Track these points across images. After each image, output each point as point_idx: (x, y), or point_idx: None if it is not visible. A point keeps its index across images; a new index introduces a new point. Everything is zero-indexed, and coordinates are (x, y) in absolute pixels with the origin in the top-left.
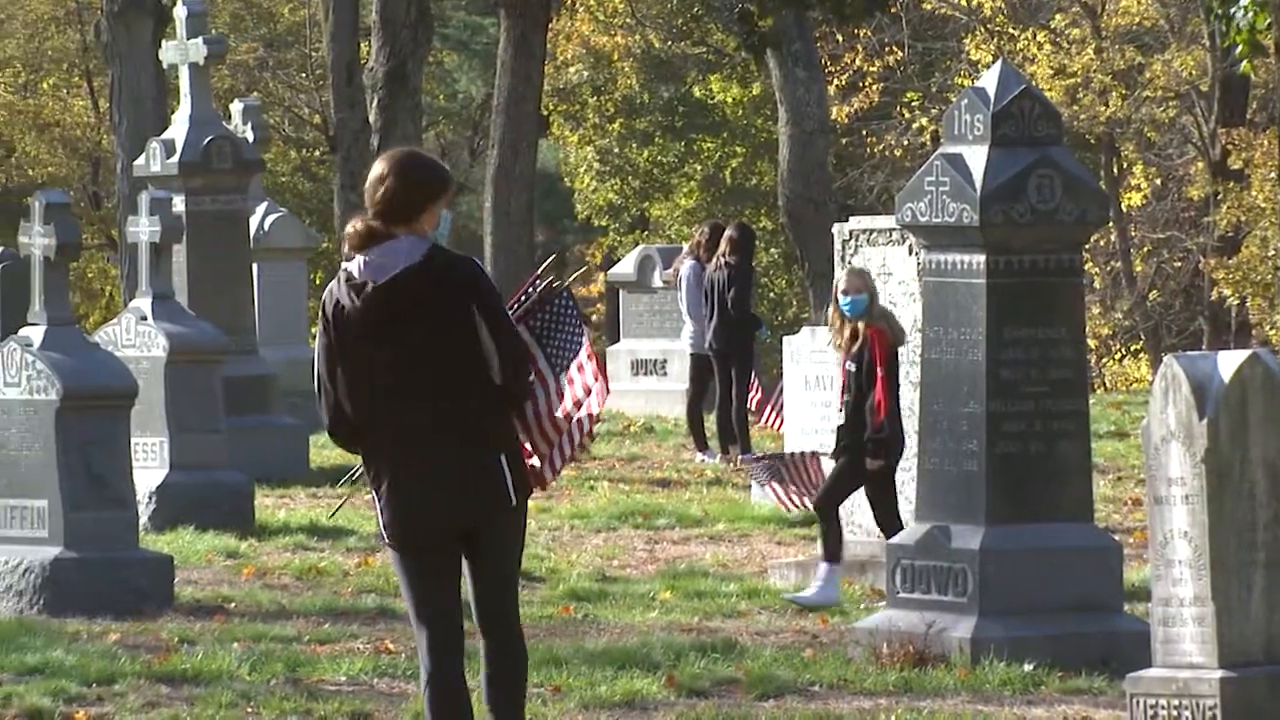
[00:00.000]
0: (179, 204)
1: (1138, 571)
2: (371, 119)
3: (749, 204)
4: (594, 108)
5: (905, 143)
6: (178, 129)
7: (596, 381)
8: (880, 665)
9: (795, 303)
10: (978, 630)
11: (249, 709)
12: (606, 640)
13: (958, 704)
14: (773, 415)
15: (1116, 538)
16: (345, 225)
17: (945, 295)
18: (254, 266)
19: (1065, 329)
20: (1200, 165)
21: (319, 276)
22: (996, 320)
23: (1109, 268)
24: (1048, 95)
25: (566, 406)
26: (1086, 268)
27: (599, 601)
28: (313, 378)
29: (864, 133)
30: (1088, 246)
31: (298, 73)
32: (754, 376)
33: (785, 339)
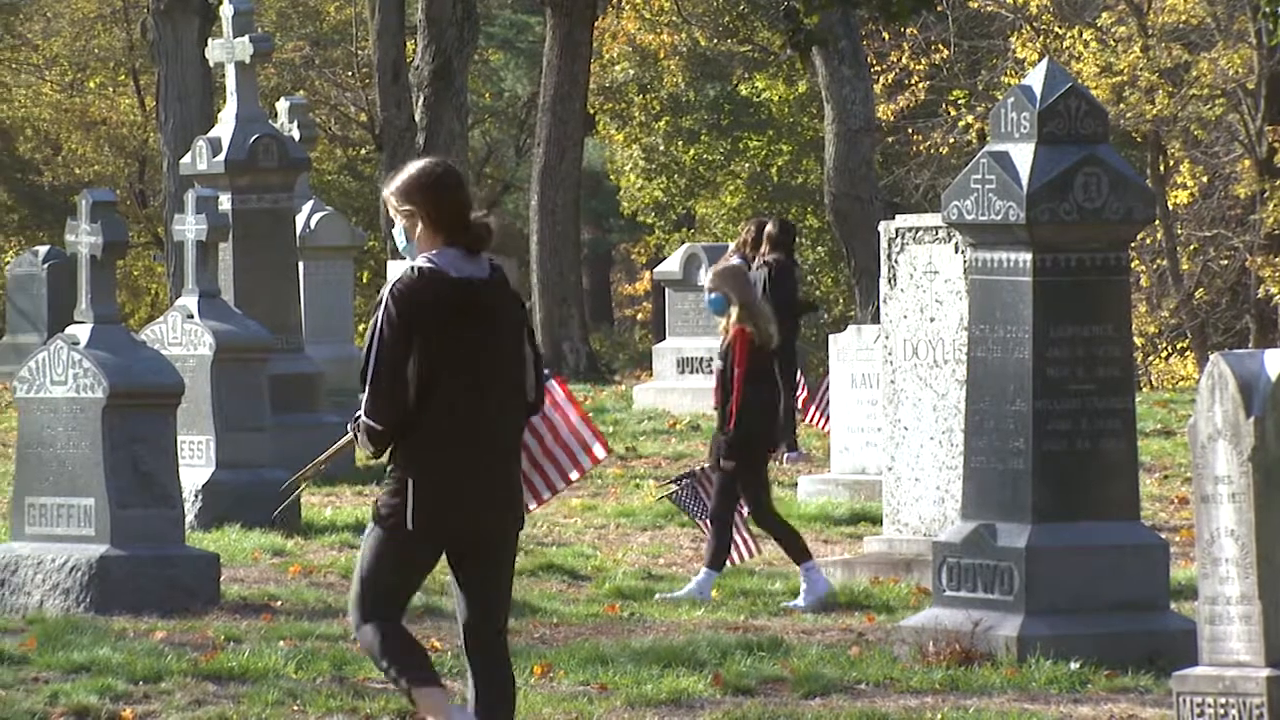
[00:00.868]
0: (225, 202)
1: (1184, 570)
2: (417, 117)
3: (795, 202)
4: (640, 106)
5: (951, 140)
6: (224, 127)
7: (596, 439)
8: (926, 663)
9: (841, 301)
10: (1024, 628)
11: (295, 707)
12: (652, 638)
13: (1004, 702)
14: (817, 414)
15: (1163, 536)
16: (389, 222)
17: (991, 293)
18: (300, 265)
19: (1112, 327)
20: (1247, 163)
21: (365, 275)
22: (1043, 318)
23: (1155, 265)
24: (1094, 93)
25: (561, 434)
26: (1133, 266)
27: (645, 600)
28: (367, 370)
29: (910, 131)
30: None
31: (344, 71)
32: (799, 375)
33: (831, 337)
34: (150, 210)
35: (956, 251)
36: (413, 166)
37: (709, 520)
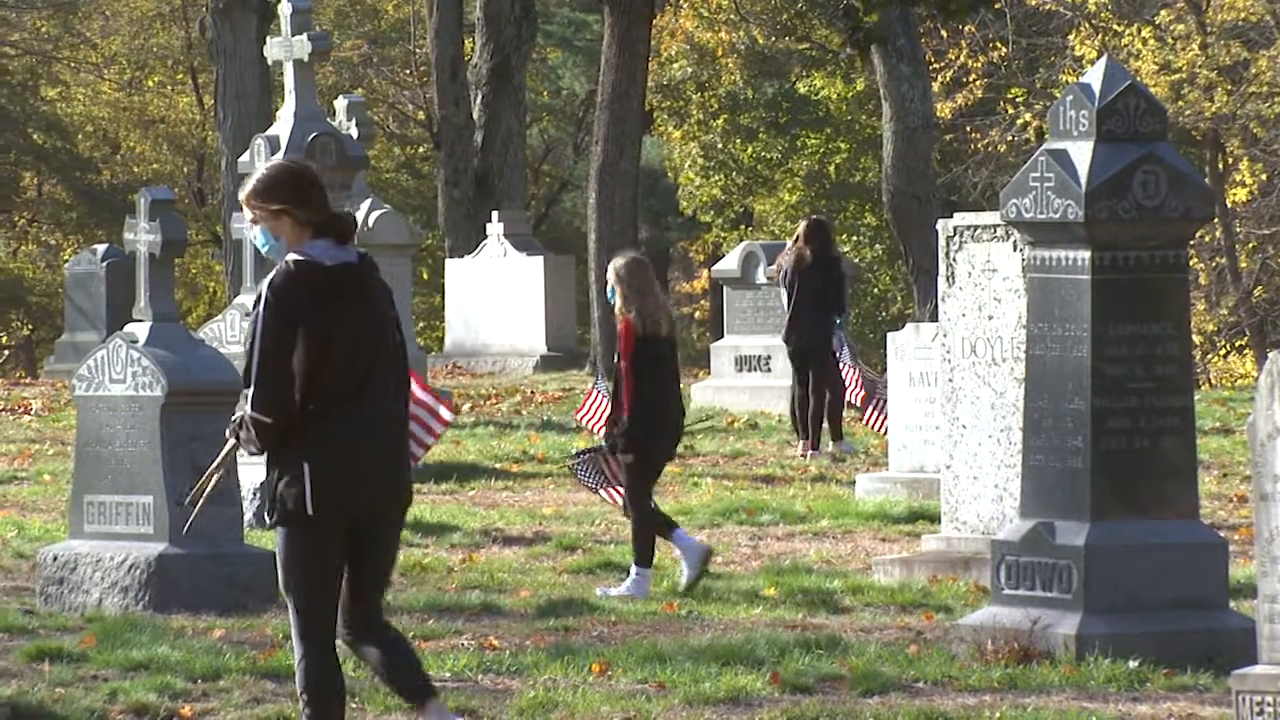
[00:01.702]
0: None
1: (1243, 568)
2: (475, 115)
3: (852, 200)
4: (698, 104)
5: (1009, 138)
6: (282, 125)
7: (440, 404)
8: (985, 662)
9: (899, 299)
10: (1082, 627)
11: (354, 705)
12: (710, 636)
13: (1062, 701)
14: (875, 414)
15: (1222, 534)
16: (449, 221)
17: (1050, 291)
18: None
19: (1170, 325)
20: None
21: (424, 273)
22: (1101, 316)
23: (1214, 263)
24: (1152, 91)
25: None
26: (1191, 264)
27: (703, 598)
28: (251, 367)
29: (968, 129)
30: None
31: (402, 69)
32: (856, 372)
33: (889, 335)
34: (208, 209)
35: (1015, 249)
36: (272, 167)
37: (631, 520)
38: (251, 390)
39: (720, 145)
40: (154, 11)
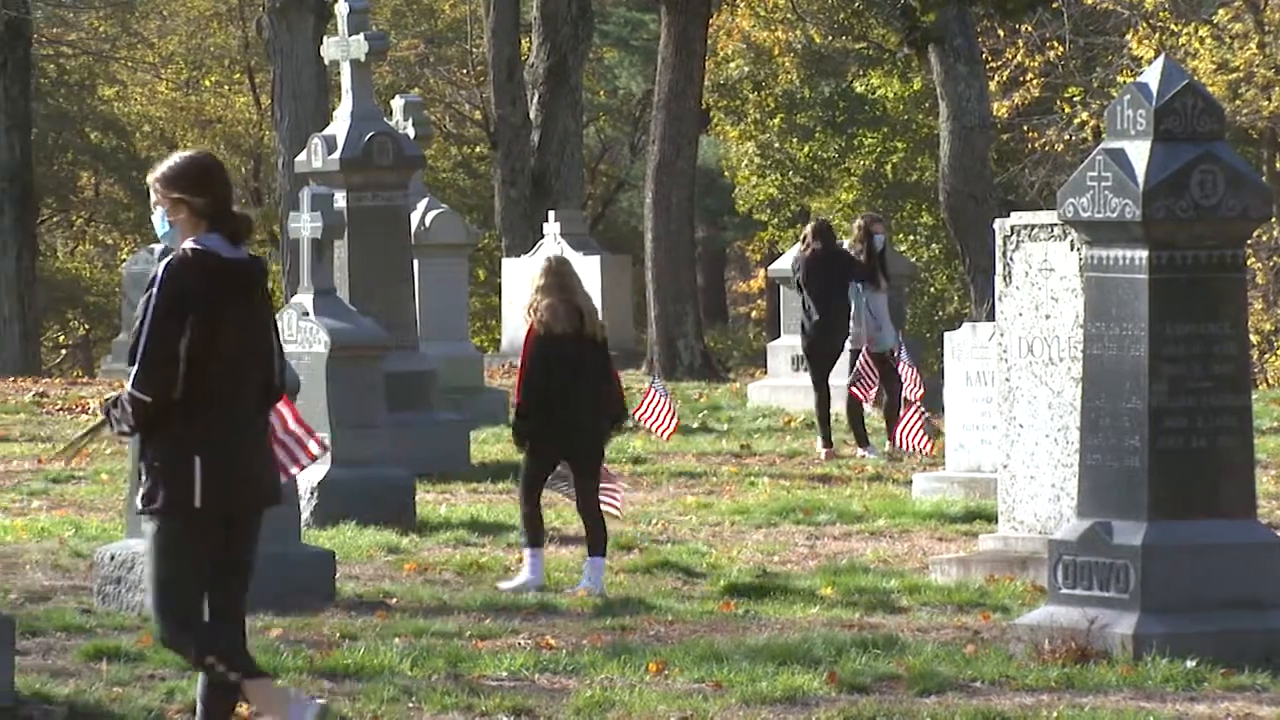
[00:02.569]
0: (340, 200)
1: None
2: (531, 115)
3: (909, 199)
4: (754, 103)
5: (1066, 138)
6: (339, 125)
7: (311, 437)
8: (1042, 661)
9: (956, 299)
10: (1140, 626)
11: (410, 704)
12: (767, 636)
13: (1120, 700)
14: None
15: (1279, 534)
16: (505, 220)
17: (1107, 291)
18: (414, 262)
19: (1228, 324)
20: None
21: (482, 273)
22: (1159, 316)
23: (1271, 263)
24: (1210, 90)
25: (276, 433)
26: (1249, 263)
27: (760, 597)
28: (137, 347)
29: (1025, 128)
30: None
31: (459, 69)
32: (915, 371)
33: (946, 335)
34: (265, 208)
35: (1072, 249)
36: (181, 156)
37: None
38: (134, 369)
39: (777, 144)
40: (211, 11)
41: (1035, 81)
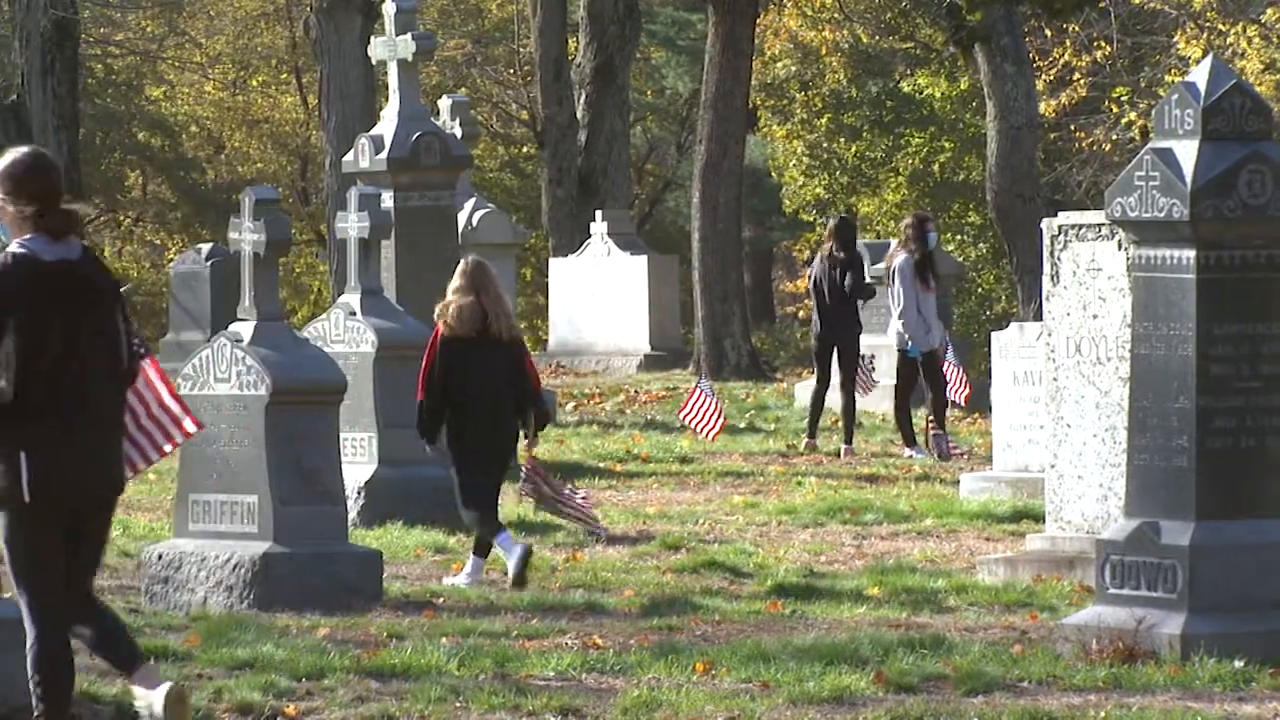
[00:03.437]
0: (387, 200)
1: None
2: (579, 114)
3: (957, 199)
4: (801, 103)
5: (1114, 138)
6: (386, 125)
7: (186, 415)
8: (1089, 661)
9: (1004, 298)
10: (1188, 626)
11: (457, 704)
12: (814, 636)
13: (1167, 700)
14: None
15: None
16: (552, 220)
17: (1155, 290)
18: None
19: (1276, 324)
20: None
21: (529, 273)
22: (1207, 315)
23: None
24: (1258, 90)
25: (152, 409)
26: None
27: (807, 597)
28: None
29: (1072, 128)
30: None
31: (506, 69)
32: (960, 371)
33: (993, 334)
34: (313, 208)
35: (1120, 248)
36: (6, 158)
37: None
38: None
39: (824, 144)
40: (258, 11)
41: (1082, 81)
